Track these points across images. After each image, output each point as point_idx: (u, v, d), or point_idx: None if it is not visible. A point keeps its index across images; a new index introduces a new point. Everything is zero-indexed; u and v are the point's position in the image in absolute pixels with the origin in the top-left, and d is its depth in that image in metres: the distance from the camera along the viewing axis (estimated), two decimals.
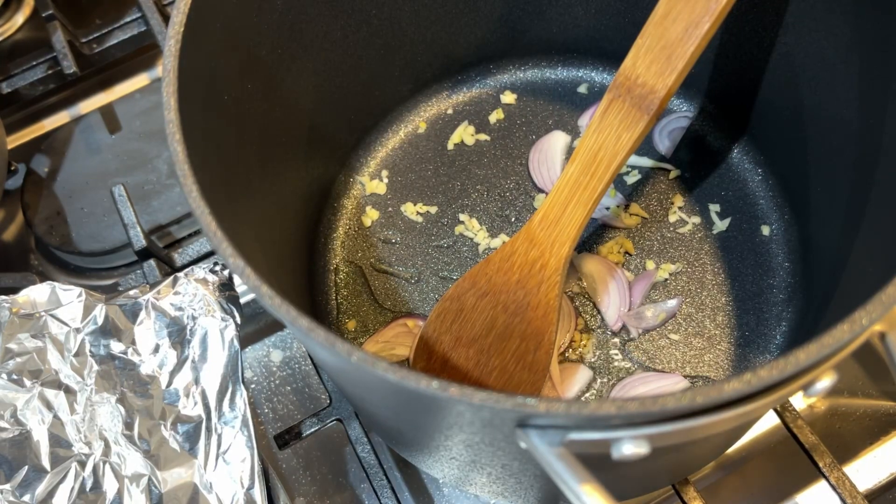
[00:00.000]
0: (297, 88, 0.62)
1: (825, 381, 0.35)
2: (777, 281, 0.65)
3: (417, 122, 0.76)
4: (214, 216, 0.40)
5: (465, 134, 0.74)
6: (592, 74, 0.76)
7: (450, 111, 0.76)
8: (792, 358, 0.33)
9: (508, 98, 0.76)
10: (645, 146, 0.72)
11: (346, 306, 0.68)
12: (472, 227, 0.70)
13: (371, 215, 0.71)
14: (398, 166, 0.74)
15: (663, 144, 0.72)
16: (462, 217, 0.70)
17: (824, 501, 0.59)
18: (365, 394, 0.48)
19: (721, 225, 0.67)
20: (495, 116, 0.75)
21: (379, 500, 0.60)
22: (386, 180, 0.73)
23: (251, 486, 0.59)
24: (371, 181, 0.73)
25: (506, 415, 0.34)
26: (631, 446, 0.33)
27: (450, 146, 0.74)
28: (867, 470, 0.60)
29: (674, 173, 0.70)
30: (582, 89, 0.76)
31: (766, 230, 0.67)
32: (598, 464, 0.35)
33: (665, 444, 0.35)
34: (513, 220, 0.70)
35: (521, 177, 0.72)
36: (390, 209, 0.72)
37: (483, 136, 0.74)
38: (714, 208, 0.68)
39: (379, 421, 0.56)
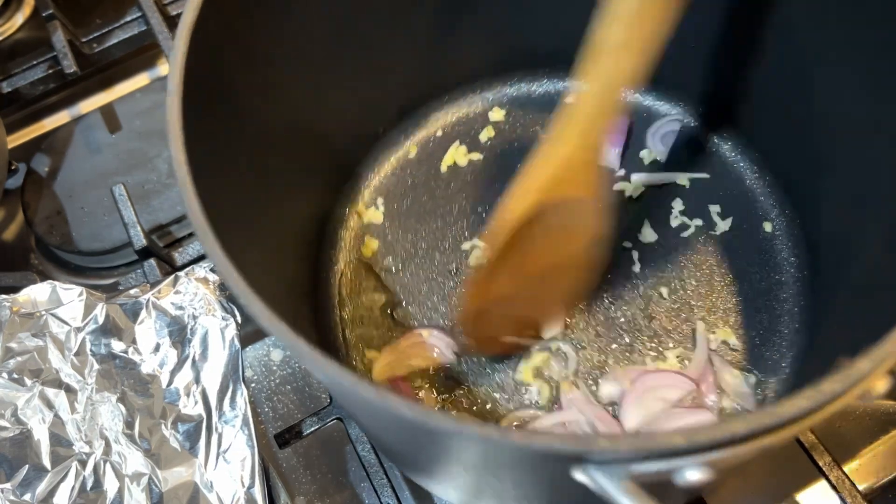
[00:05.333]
0: (286, 124, 0.60)
1: (883, 385, 0.35)
2: (786, 277, 0.64)
3: (408, 146, 0.74)
4: (233, 263, 0.39)
5: (457, 155, 0.73)
6: (579, 86, 0.75)
7: (439, 133, 0.74)
8: (854, 370, 0.33)
9: (497, 115, 0.74)
10: (637, 158, 0.71)
11: (354, 341, 0.65)
12: (475, 249, 0.68)
13: (371, 245, 0.69)
14: (393, 193, 0.72)
15: (657, 149, 0.71)
16: (463, 239, 0.69)
17: (824, 501, 0.59)
18: (384, 432, 0.48)
19: (723, 225, 0.67)
20: (486, 134, 0.74)
21: (379, 499, 0.60)
22: (382, 208, 0.71)
23: (251, 485, 0.59)
24: (367, 210, 0.71)
25: (565, 454, 0.33)
26: (696, 472, 0.33)
27: (443, 168, 0.73)
28: (867, 469, 0.60)
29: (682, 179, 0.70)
30: (570, 100, 0.75)
31: (768, 227, 0.67)
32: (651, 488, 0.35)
33: (727, 466, 0.35)
34: None
35: None
36: (389, 237, 0.70)
37: (476, 156, 0.73)
38: (714, 209, 0.68)
39: (391, 449, 0.56)
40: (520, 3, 0.69)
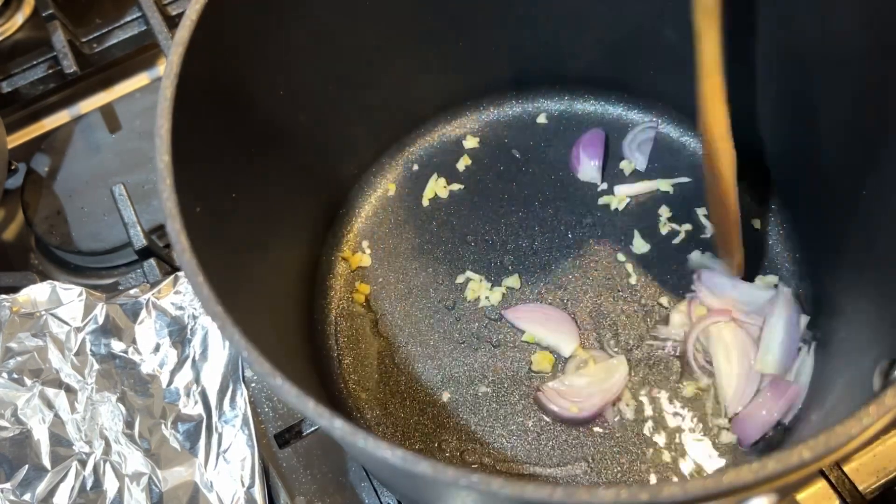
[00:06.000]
0: (269, 177, 0.59)
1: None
2: (783, 272, 0.64)
3: (386, 185, 0.73)
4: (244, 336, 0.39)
5: (437, 187, 0.72)
6: (548, 104, 0.75)
7: (416, 168, 0.73)
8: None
9: (471, 142, 0.74)
10: (618, 170, 0.71)
11: (357, 391, 0.64)
12: (469, 281, 0.67)
13: (362, 290, 0.68)
14: (377, 234, 0.71)
15: (636, 158, 0.71)
16: (457, 272, 0.68)
17: (824, 501, 0.59)
18: (409, 491, 0.47)
19: (712, 228, 0.66)
20: (463, 163, 0.73)
21: (379, 499, 0.60)
22: (368, 251, 0.70)
23: (251, 485, 0.59)
24: (354, 255, 0.69)
25: None
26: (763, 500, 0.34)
27: (425, 203, 0.71)
28: (867, 470, 0.60)
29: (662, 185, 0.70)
30: (541, 119, 0.74)
31: (757, 223, 0.67)
32: None
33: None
34: (509, 267, 0.67)
35: (508, 218, 0.70)
36: (381, 280, 0.68)
37: (456, 186, 0.72)
38: (701, 212, 0.68)
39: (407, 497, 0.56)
40: (487, 32, 0.69)
